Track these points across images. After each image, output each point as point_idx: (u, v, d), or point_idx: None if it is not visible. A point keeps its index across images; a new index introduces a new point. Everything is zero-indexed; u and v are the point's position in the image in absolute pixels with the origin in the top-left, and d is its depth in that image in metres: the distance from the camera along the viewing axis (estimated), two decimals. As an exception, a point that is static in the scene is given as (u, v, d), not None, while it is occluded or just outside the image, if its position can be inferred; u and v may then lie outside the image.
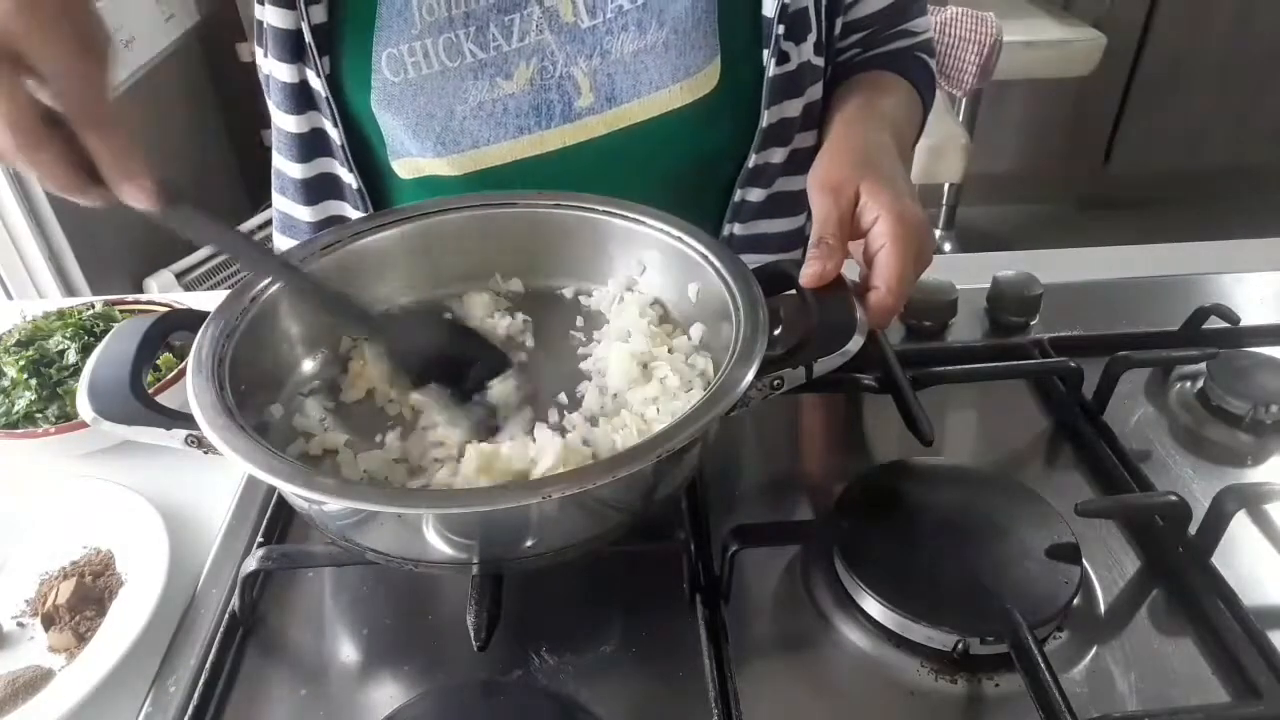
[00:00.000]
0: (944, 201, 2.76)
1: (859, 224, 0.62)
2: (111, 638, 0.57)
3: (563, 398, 0.62)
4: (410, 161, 0.78)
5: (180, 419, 0.52)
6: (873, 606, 0.57)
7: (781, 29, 0.74)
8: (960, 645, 0.55)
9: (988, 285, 0.84)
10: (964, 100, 2.54)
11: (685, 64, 0.74)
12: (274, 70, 0.77)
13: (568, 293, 0.71)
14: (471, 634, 0.51)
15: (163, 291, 1.96)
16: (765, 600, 0.60)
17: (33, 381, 0.75)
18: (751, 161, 0.80)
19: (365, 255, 0.68)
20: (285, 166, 0.83)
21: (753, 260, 0.63)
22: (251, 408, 0.55)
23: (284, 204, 0.87)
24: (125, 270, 1.99)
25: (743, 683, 0.54)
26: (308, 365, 0.65)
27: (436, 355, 0.61)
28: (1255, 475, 0.69)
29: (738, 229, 0.84)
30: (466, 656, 0.54)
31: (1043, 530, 0.60)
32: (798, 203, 0.88)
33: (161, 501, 0.66)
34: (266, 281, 0.62)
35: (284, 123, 0.79)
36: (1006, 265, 0.85)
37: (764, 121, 0.78)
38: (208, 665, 0.56)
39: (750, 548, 0.59)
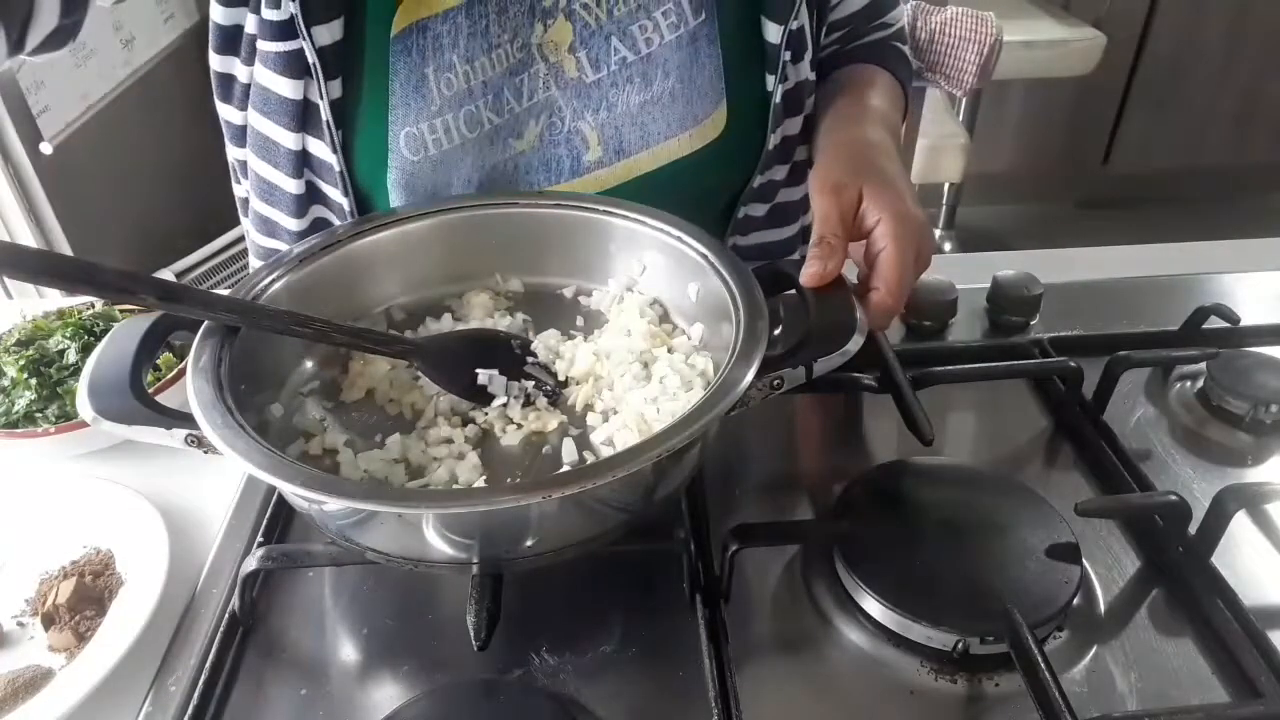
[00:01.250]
0: (944, 201, 2.76)
1: (861, 225, 0.62)
2: (111, 637, 0.57)
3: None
4: None
5: (180, 418, 0.52)
6: (873, 606, 0.57)
7: (789, 55, 0.74)
8: (960, 645, 0.55)
9: (987, 285, 0.84)
10: (964, 100, 2.54)
11: (693, 112, 0.74)
12: (272, 133, 0.73)
13: (568, 292, 0.71)
14: (471, 634, 0.51)
15: (163, 291, 1.95)
16: (765, 600, 0.60)
17: (33, 381, 0.75)
18: (756, 182, 0.80)
19: (365, 255, 0.68)
20: (277, 180, 0.78)
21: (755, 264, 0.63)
22: (251, 407, 0.55)
23: (269, 211, 0.82)
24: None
25: (742, 682, 0.54)
26: (307, 365, 0.65)
27: (471, 364, 0.61)
28: (1255, 475, 0.69)
29: (739, 240, 0.85)
30: (466, 656, 0.54)
31: (1042, 530, 0.60)
32: (798, 210, 0.89)
33: (161, 501, 0.66)
34: (266, 281, 0.62)
35: (275, 179, 0.76)
36: (1006, 265, 0.85)
37: (770, 144, 0.78)
38: (208, 665, 0.56)
39: (750, 547, 0.59)
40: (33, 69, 1.65)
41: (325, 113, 0.69)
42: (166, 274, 2.03)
